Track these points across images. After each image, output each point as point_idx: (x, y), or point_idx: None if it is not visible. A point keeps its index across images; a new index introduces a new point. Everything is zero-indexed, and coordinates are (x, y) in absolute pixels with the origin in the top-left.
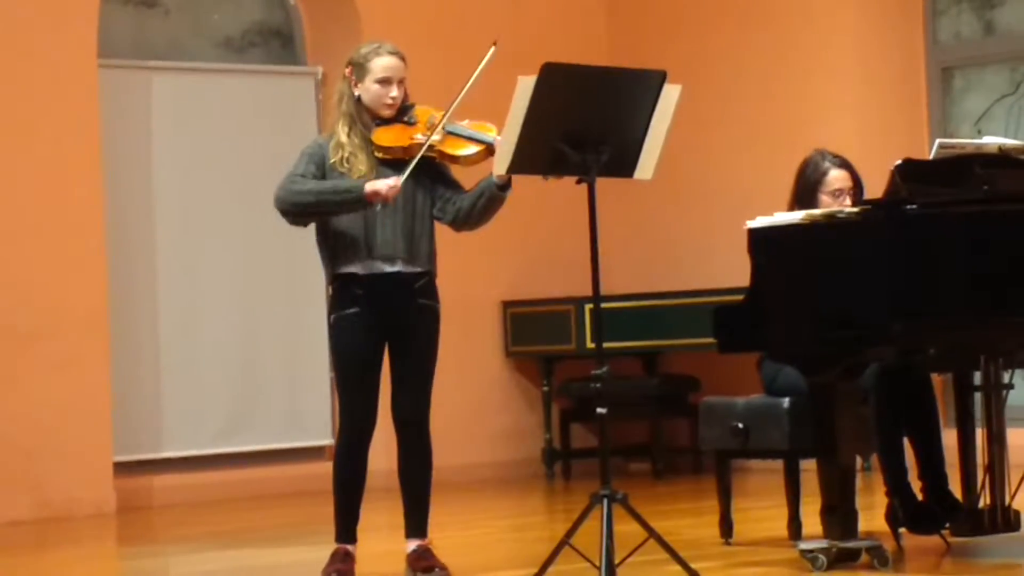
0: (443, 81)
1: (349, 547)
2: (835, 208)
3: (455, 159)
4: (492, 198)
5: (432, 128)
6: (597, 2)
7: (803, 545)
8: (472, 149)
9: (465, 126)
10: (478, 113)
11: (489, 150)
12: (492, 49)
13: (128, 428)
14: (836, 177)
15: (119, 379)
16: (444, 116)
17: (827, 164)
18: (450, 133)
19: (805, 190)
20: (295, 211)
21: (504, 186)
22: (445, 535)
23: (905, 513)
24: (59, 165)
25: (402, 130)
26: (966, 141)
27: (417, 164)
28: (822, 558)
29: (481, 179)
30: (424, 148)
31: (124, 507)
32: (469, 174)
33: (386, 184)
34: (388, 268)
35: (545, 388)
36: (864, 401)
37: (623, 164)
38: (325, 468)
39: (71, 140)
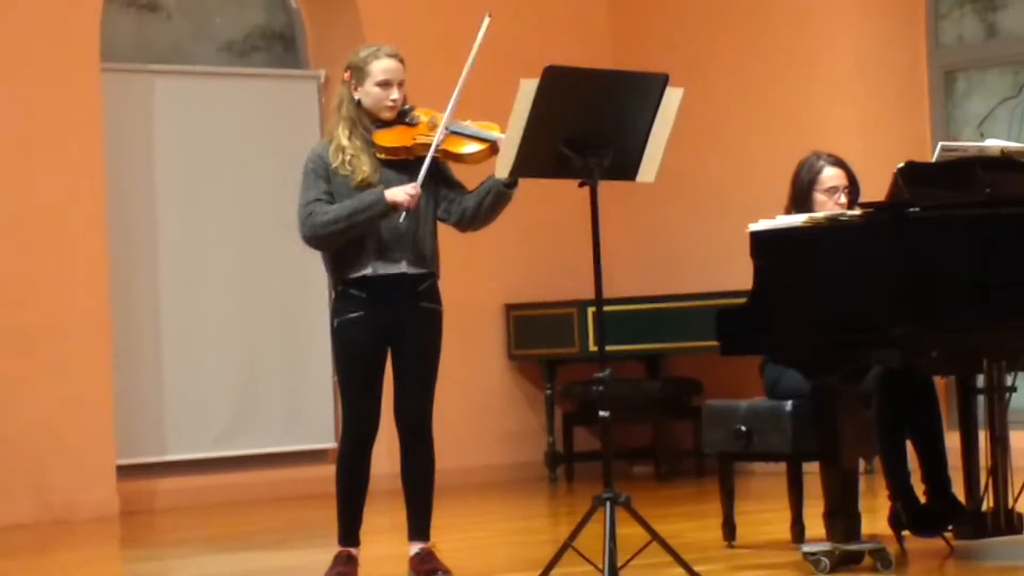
0: (446, 84)
1: (352, 550)
2: (833, 208)
3: (459, 157)
4: (499, 195)
5: (435, 128)
6: (600, 5)
7: (806, 548)
8: (476, 147)
9: (468, 125)
10: (481, 115)
11: (493, 148)
12: (487, 20)
13: (131, 431)
14: (830, 175)
15: (122, 382)
16: (449, 106)
17: (821, 163)
18: (453, 132)
19: (801, 190)
20: (328, 241)
21: (510, 184)
22: (448, 538)
23: (908, 516)
24: (62, 168)
25: (404, 131)
26: (968, 144)
27: (428, 165)
28: (825, 561)
29: (484, 178)
30: (434, 148)
31: (126, 510)
32: (472, 174)
33: (405, 193)
34: (394, 269)
35: (548, 391)
36: (867, 404)
37: (626, 167)
38: (328, 471)
39: (74, 144)
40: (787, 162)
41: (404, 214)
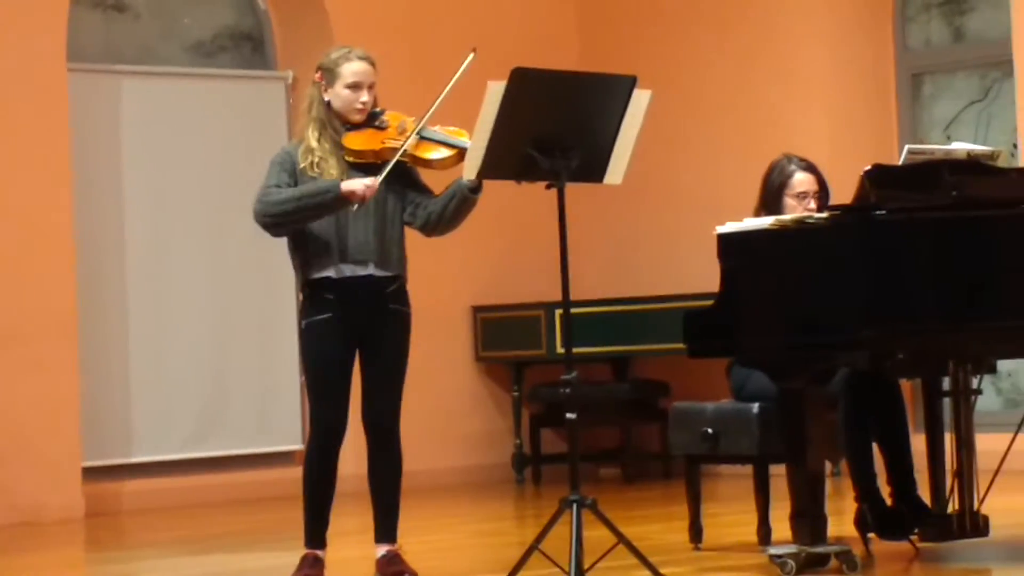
0: (413, 85)
1: (319, 552)
2: (802, 213)
3: (427, 163)
4: (464, 200)
5: (404, 132)
6: (568, 7)
7: (772, 550)
8: (444, 153)
9: (437, 131)
10: (448, 117)
11: (461, 155)
12: (471, 56)
13: (97, 433)
14: (801, 180)
15: (88, 383)
16: (420, 121)
17: (792, 167)
18: (423, 138)
19: (770, 193)
20: (276, 221)
21: (475, 188)
22: (415, 540)
23: (874, 518)
24: (28, 170)
25: (373, 134)
26: (935, 147)
27: (392, 168)
28: (791, 563)
29: (450, 183)
30: (400, 152)
31: (93, 512)
32: (439, 180)
33: (362, 184)
34: (360, 272)
35: (515, 393)
36: (833, 407)
37: (593, 169)
38: (295, 473)
39: (41, 145)
40: (755, 164)
41: (357, 206)
